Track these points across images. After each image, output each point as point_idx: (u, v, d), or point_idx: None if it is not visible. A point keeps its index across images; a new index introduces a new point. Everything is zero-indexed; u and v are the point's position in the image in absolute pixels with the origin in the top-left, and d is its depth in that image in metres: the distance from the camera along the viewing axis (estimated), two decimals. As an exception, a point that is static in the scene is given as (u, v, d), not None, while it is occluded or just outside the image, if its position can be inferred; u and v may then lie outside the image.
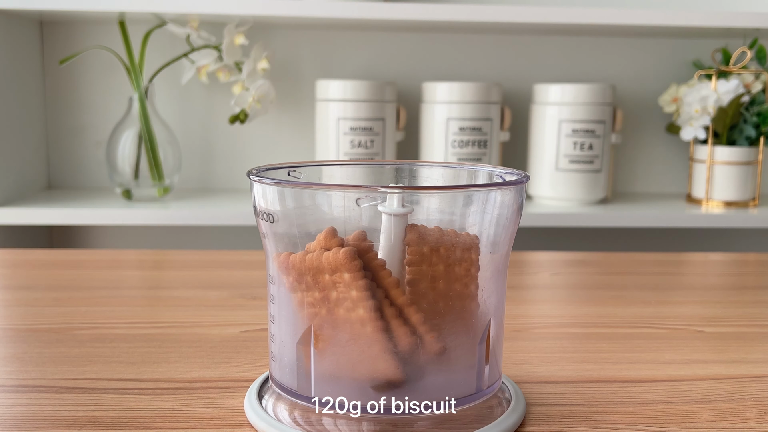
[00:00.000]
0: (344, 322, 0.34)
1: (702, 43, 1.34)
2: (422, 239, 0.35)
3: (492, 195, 0.36)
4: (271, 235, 0.37)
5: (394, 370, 0.34)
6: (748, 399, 0.42)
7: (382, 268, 0.34)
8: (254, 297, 0.61)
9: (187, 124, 1.31)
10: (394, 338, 0.34)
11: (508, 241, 0.38)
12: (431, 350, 0.35)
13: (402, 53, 1.32)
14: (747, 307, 0.61)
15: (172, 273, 0.73)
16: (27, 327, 0.52)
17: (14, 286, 0.65)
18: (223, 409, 0.39)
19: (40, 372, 0.44)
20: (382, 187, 0.35)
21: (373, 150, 1.18)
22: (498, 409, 0.38)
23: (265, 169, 0.39)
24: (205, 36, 1.17)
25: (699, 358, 0.48)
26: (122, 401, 0.40)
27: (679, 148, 1.39)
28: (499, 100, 1.21)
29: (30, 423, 0.37)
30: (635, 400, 0.41)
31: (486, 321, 0.37)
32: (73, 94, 1.30)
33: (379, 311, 0.34)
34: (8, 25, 1.15)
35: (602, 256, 0.83)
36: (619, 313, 0.58)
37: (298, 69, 1.31)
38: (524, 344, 0.51)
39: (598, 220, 1.19)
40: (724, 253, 0.85)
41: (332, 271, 0.34)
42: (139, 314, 0.56)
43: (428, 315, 0.35)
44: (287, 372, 0.37)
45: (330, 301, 0.34)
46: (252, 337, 0.51)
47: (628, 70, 1.36)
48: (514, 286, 0.67)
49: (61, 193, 1.26)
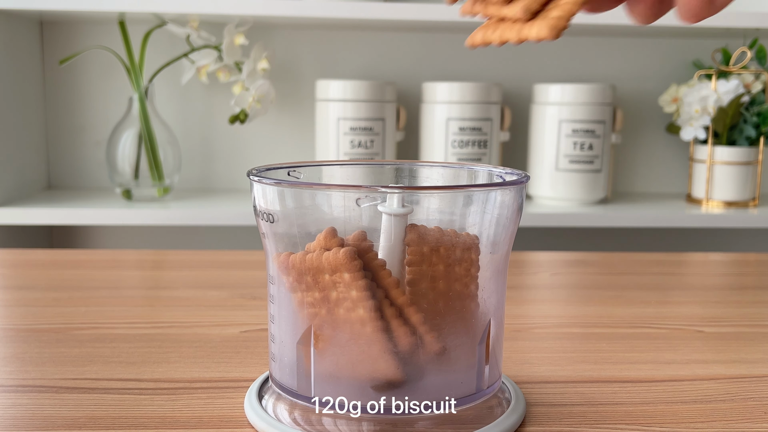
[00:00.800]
0: (344, 322, 0.34)
1: (702, 43, 1.34)
2: (422, 239, 0.35)
3: (492, 195, 0.36)
4: (271, 235, 0.37)
5: (394, 370, 0.34)
6: (748, 399, 0.42)
7: (382, 268, 0.34)
8: (254, 297, 0.61)
9: (187, 124, 1.31)
10: (394, 338, 0.34)
11: (508, 241, 0.38)
12: (431, 350, 0.35)
13: (402, 53, 1.32)
14: (747, 307, 0.61)
15: (172, 273, 0.73)
16: (27, 327, 0.52)
17: (14, 286, 0.65)
18: (223, 409, 0.39)
19: (40, 372, 0.44)
20: (382, 187, 0.35)
21: (373, 150, 1.18)
22: (498, 409, 0.38)
23: (265, 169, 0.39)
24: (205, 36, 1.17)
25: (699, 358, 0.48)
26: (122, 401, 0.40)
27: (679, 148, 1.39)
28: (499, 100, 1.21)
29: (30, 423, 0.37)
30: (635, 400, 0.41)
31: (486, 321, 0.37)
32: (73, 94, 1.30)
33: (379, 311, 0.34)
34: (8, 25, 1.15)
35: (602, 256, 0.83)
36: (619, 313, 0.58)
37: (298, 69, 1.31)
38: (524, 344, 0.51)
39: (598, 220, 1.19)
40: (724, 253, 0.85)
41: (332, 271, 0.34)
42: (139, 314, 0.56)
43: (428, 315, 0.35)
44: (287, 372, 0.37)
45: (330, 301, 0.34)
46: (252, 337, 0.51)
47: (628, 70, 1.36)
48: (514, 286, 0.67)
49: (61, 193, 1.26)
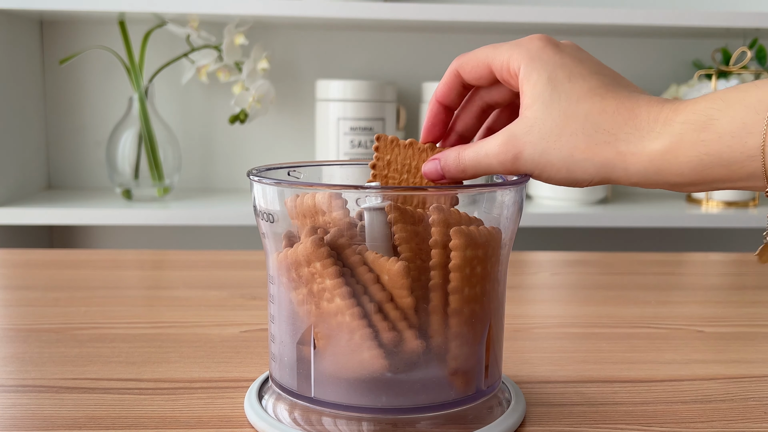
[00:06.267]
0: (329, 314, 0.34)
1: (702, 43, 1.34)
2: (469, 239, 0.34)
3: (492, 195, 0.36)
4: (271, 235, 0.37)
5: (380, 362, 0.34)
6: (748, 399, 0.42)
7: (360, 264, 0.34)
8: (254, 297, 0.61)
9: (187, 124, 1.31)
10: (378, 332, 0.34)
11: (508, 241, 0.38)
12: (430, 350, 0.35)
13: (402, 53, 1.32)
14: (747, 307, 0.61)
15: (172, 273, 0.73)
16: (27, 327, 0.52)
17: (14, 286, 0.65)
18: (223, 409, 0.39)
19: (40, 372, 0.44)
20: (382, 188, 0.35)
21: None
22: (498, 409, 0.38)
23: (265, 169, 0.39)
24: (205, 36, 1.17)
25: (699, 358, 0.48)
26: (122, 401, 0.40)
27: (679, 148, 1.39)
28: (499, 100, 1.21)
29: (30, 423, 0.37)
30: (635, 400, 0.41)
31: (486, 321, 0.37)
32: (73, 94, 1.30)
33: (355, 298, 0.34)
34: (8, 25, 1.15)
35: (602, 256, 0.82)
36: (619, 313, 0.58)
37: (298, 69, 1.31)
38: (524, 344, 0.51)
39: (598, 220, 1.19)
40: (724, 253, 0.85)
41: (307, 263, 0.34)
42: (139, 314, 0.56)
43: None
44: (287, 372, 0.37)
45: (314, 295, 0.34)
46: (252, 337, 0.51)
47: (628, 70, 1.35)
48: (514, 286, 0.67)
49: (61, 193, 1.26)
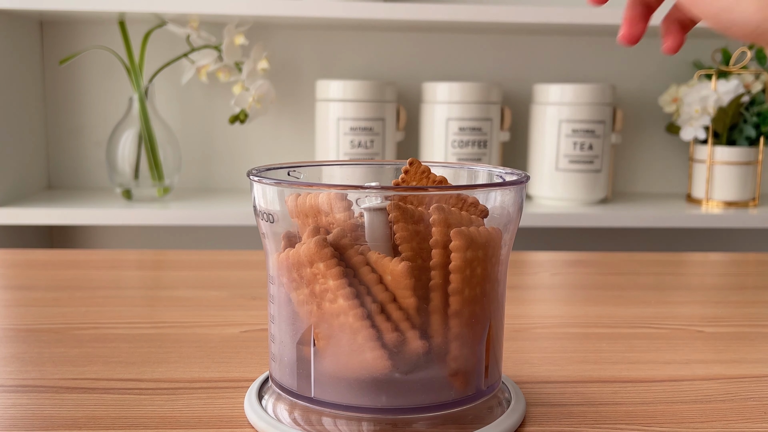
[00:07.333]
0: (331, 315, 0.34)
1: (702, 43, 1.34)
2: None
3: (492, 195, 0.36)
4: (271, 235, 0.37)
5: (383, 362, 0.34)
6: (748, 399, 0.42)
7: (363, 265, 0.34)
8: (254, 297, 0.61)
9: (187, 124, 1.31)
10: (379, 330, 0.34)
11: (508, 242, 0.38)
12: (431, 350, 0.35)
13: (402, 53, 1.32)
14: (747, 307, 0.61)
15: (172, 273, 0.73)
16: (27, 327, 0.52)
17: (14, 286, 0.65)
18: (223, 409, 0.39)
19: (40, 372, 0.44)
20: (382, 188, 0.35)
21: (373, 150, 1.18)
22: (498, 409, 0.38)
23: (265, 169, 0.39)
24: (205, 36, 1.17)
25: (699, 358, 0.48)
26: (122, 401, 0.40)
27: (679, 148, 1.39)
28: (499, 100, 1.21)
29: (30, 423, 0.37)
30: (635, 400, 0.41)
31: (486, 321, 0.37)
32: (73, 94, 1.30)
33: (358, 299, 0.34)
34: (8, 25, 1.15)
35: (602, 256, 0.82)
36: (619, 313, 0.58)
37: (298, 69, 1.31)
38: (524, 344, 0.51)
39: (598, 220, 1.19)
40: (724, 253, 0.85)
41: (310, 263, 0.34)
42: (139, 314, 0.56)
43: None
44: (287, 372, 0.37)
45: (316, 295, 0.34)
46: (252, 337, 0.51)
47: (628, 70, 1.35)
48: (514, 286, 0.67)
49: (61, 193, 1.26)
